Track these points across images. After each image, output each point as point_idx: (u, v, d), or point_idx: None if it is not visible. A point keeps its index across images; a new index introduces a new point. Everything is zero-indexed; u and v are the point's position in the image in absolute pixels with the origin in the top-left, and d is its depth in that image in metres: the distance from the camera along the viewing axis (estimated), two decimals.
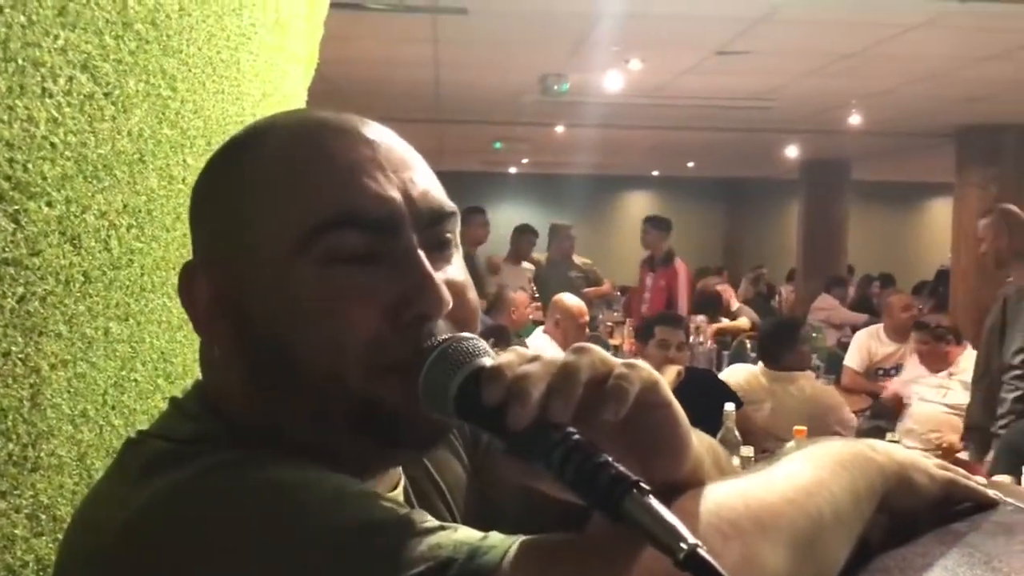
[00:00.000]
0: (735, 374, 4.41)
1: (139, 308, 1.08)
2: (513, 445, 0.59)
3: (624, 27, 4.70)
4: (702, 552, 0.50)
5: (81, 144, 0.94)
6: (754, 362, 4.83)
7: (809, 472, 0.68)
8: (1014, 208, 4.28)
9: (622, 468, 0.54)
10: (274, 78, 1.90)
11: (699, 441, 0.69)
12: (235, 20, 1.54)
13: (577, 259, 7.44)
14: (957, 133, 7.90)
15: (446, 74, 6.34)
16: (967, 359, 4.76)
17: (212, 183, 0.74)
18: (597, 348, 0.63)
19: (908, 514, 0.79)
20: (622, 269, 12.47)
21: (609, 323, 7.76)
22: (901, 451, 0.80)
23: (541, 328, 5.18)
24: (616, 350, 6.76)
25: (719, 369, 5.34)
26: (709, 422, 3.17)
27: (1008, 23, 4.47)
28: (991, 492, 0.84)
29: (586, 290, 7.02)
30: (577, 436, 0.56)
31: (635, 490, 0.53)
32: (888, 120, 7.79)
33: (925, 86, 6.22)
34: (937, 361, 4.98)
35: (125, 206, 1.02)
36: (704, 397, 3.58)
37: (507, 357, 0.61)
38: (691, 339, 5.54)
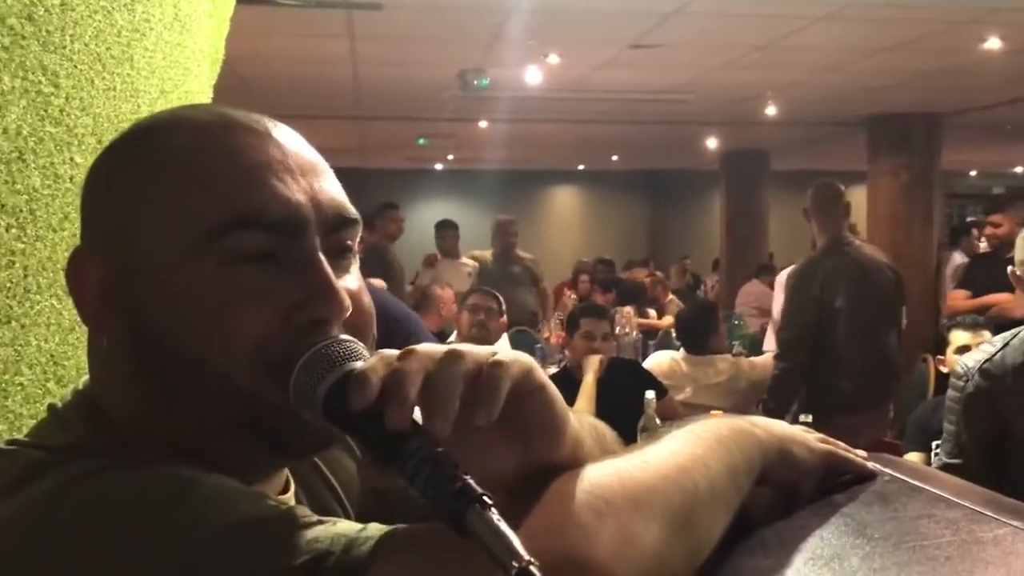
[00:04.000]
0: (657, 361, 4.47)
1: (23, 311, 1.05)
2: (374, 452, 0.59)
3: (538, 21, 4.72)
4: (534, 570, 0.50)
5: None
6: (678, 350, 4.91)
7: (686, 448, 0.69)
8: (821, 188, 4.26)
9: (470, 481, 0.54)
10: (174, 75, 1.86)
11: (579, 423, 0.70)
12: (127, 16, 1.50)
13: (521, 254, 7.45)
14: (868, 122, 8.10)
15: (364, 70, 6.28)
16: None
17: (110, 170, 0.72)
18: (469, 347, 0.63)
19: (789, 486, 0.81)
20: (550, 263, 12.54)
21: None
22: (781, 425, 0.82)
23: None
24: (545, 342, 6.81)
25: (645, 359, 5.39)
26: (634, 410, 3.20)
27: (909, 14, 4.61)
28: (869, 464, 0.87)
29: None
30: (430, 447, 0.56)
31: (477, 504, 0.53)
32: (802, 110, 7.96)
33: (834, 76, 6.38)
34: None
35: (3, 206, 0.99)
36: (629, 386, 3.61)
37: (373, 362, 0.61)
38: (617, 330, 5.59)
